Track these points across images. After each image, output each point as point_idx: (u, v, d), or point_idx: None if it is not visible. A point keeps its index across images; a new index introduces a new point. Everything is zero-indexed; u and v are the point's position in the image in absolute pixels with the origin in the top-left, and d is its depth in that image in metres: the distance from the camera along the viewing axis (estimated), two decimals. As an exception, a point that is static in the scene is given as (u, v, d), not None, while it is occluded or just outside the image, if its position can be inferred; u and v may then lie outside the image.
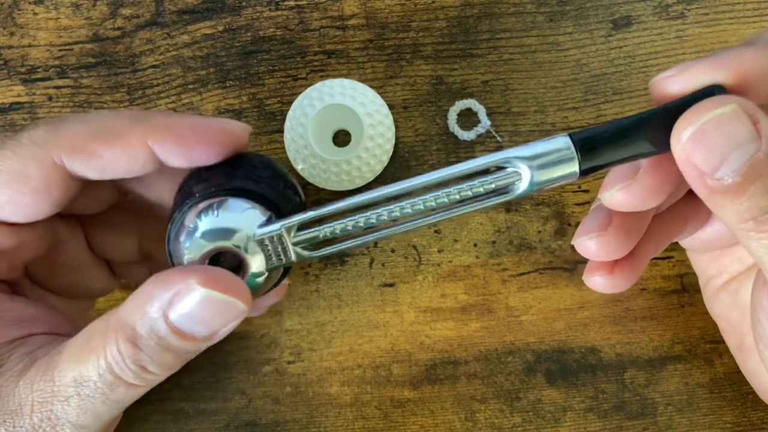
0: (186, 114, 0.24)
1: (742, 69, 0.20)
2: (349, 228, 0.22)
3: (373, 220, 0.22)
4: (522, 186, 0.21)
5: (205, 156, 0.24)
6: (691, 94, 0.20)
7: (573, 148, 0.21)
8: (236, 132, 0.24)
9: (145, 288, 0.22)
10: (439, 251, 0.33)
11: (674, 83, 0.21)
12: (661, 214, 0.26)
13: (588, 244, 0.24)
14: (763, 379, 0.27)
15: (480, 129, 0.33)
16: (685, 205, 0.26)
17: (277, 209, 0.23)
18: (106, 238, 0.29)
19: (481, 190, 0.22)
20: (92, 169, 0.23)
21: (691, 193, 0.25)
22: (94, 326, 0.22)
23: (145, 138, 0.23)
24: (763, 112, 0.19)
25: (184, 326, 0.22)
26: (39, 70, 0.34)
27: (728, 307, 0.29)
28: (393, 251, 0.33)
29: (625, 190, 0.22)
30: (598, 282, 0.25)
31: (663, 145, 0.20)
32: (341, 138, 0.34)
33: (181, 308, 0.21)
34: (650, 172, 0.22)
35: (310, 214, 0.22)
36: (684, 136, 0.19)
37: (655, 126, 0.21)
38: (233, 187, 0.23)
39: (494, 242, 0.33)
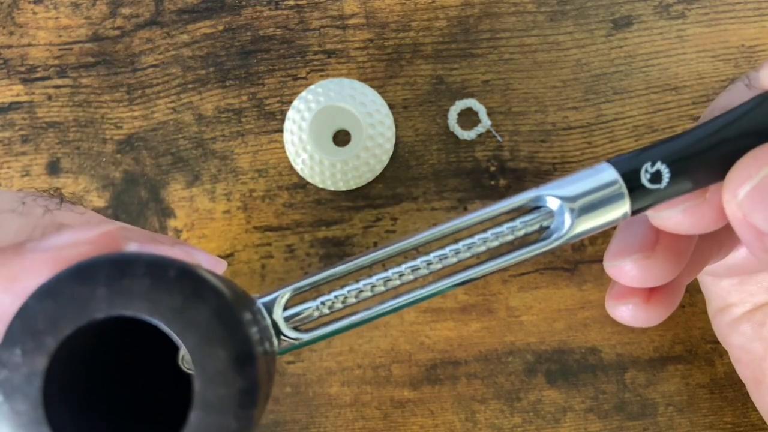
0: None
1: None
2: (352, 299, 0.18)
3: (381, 287, 0.18)
4: (560, 233, 0.17)
5: None
6: None
7: (621, 182, 0.16)
8: None
9: None
10: (439, 251, 0.33)
11: None
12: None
13: (629, 268, 0.19)
14: None
15: (480, 129, 0.33)
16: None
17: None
18: None
19: (510, 237, 0.17)
20: None
21: None
22: None
23: None
24: None
25: None
26: (38, 69, 0.34)
27: (749, 338, 0.26)
28: (393, 251, 0.33)
29: (690, 212, 0.17)
30: (629, 314, 0.20)
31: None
32: (341, 138, 0.34)
33: None
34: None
35: (305, 281, 0.17)
36: (741, 192, 0.16)
37: (729, 158, 0.16)
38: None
39: (494, 242, 0.33)
